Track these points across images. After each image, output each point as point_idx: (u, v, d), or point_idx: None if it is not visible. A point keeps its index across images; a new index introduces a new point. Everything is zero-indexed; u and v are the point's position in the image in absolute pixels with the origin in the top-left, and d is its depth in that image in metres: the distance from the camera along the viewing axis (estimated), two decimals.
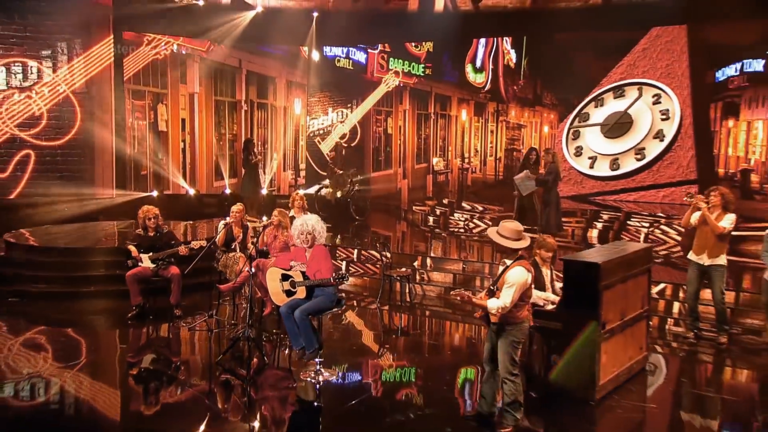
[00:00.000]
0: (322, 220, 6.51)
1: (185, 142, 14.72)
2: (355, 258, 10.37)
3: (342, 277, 5.99)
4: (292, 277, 6.29)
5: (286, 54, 15.59)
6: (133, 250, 8.02)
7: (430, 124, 15.48)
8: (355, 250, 10.44)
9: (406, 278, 9.25)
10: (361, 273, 10.19)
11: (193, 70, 14.68)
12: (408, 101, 15.54)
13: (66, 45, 12.92)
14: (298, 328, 6.18)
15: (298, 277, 6.25)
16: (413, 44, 15.29)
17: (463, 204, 14.25)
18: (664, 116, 12.89)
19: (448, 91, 15.29)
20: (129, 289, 8.00)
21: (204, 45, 14.62)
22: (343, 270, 6.94)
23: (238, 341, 6.85)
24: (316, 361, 6.22)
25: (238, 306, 8.10)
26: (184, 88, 14.62)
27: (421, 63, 15.31)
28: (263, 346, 7.10)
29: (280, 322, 7.01)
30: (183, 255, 8.01)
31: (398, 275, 9.22)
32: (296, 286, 6.25)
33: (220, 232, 8.00)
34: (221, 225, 8.11)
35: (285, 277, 6.38)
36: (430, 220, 14.18)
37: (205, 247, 7.71)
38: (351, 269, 10.28)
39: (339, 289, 6.70)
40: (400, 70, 15.42)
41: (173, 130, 14.54)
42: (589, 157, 13.62)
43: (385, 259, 9.63)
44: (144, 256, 7.98)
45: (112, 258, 9.26)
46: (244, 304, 7.77)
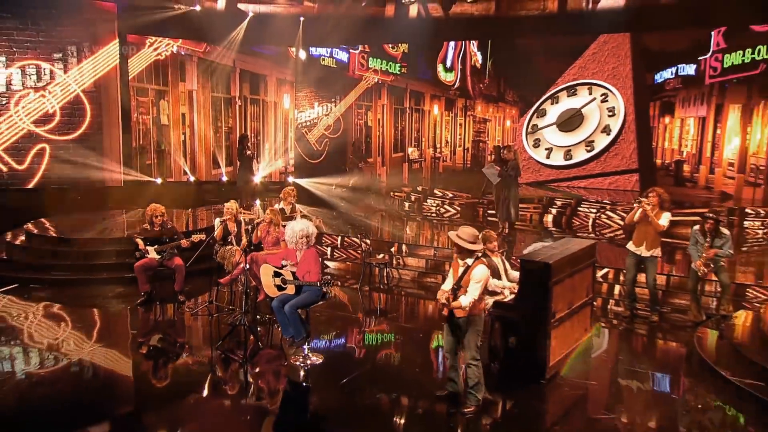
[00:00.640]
0: (313, 225, 6.58)
1: (185, 135, 14.60)
2: (339, 244, 10.44)
3: (328, 283, 6.06)
4: (284, 275, 6.37)
5: (275, 54, 15.43)
6: (140, 243, 8.01)
7: (406, 118, 15.49)
8: (339, 237, 10.50)
9: (384, 264, 9.37)
10: (344, 258, 10.28)
11: (192, 69, 14.49)
12: (386, 97, 15.49)
13: (76, 48, 12.73)
14: (288, 320, 6.28)
15: (288, 275, 6.32)
16: (390, 46, 15.21)
17: (435, 191, 14.31)
18: (610, 113, 13.03)
19: (422, 88, 15.27)
20: (137, 277, 8.03)
21: (201, 46, 14.42)
22: (329, 276, 6.99)
23: (236, 327, 6.93)
24: (303, 348, 6.33)
25: (236, 293, 8.15)
26: (183, 85, 14.44)
27: (397, 62, 15.24)
28: (257, 329, 7.17)
29: (271, 307, 7.08)
30: (185, 247, 8.03)
31: (377, 263, 9.33)
32: (286, 284, 6.33)
33: (218, 228, 8.04)
34: (218, 222, 8.14)
35: (277, 274, 6.46)
36: (406, 206, 14.27)
37: (205, 241, 7.77)
38: (335, 254, 10.38)
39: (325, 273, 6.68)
40: (379, 68, 15.33)
41: (174, 124, 14.39)
42: (546, 149, 13.75)
43: (365, 245, 9.73)
44: (150, 249, 7.98)
45: (123, 248, 9.24)
46: (240, 287, 7.82)
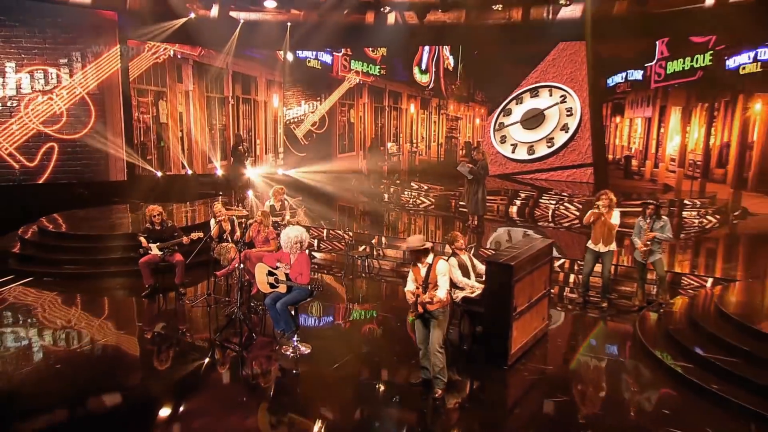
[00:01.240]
0: (306, 233, 6.57)
1: (183, 132, 14.37)
2: (325, 236, 10.44)
3: (317, 287, 6.08)
4: (277, 275, 6.37)
5: (265, 57, 15.17)
6: (143, 240, 7.96)
7: (385, 115, 15.40)
8: (325, 230, 10.48)
9: (365, 256, 9.39)
10: (330, 249, 10.29)
11: (188, 72, 14.22)
12: (367, 96, 15.37)
13: (80, 54, 12.48)
14: (280, 315, 6.30)
15: (281, 276, 6.31)
16: (370, 49, 15.04)
17: (412, 183, 14.31)
18: (568, 113, 13.09)
19: (400, 88, 15.17)
20: (142, 272, 7.98)
21: (196, 50, 14.14)
22: (319, 286, 7.02)
23: (233, 319, 6.93)
24: (293, 339, 6.37)
25: (231, 285, 8.14)
26: (180, 86, 14.18)
27: (377, 65, 15.09)
28: (251, 318, 7.19)
29: (264, 297, 7.06)
30: (185, 244, 7.99)
31: (359, 255, 9.35)
32: (278, 283, 6.34)
33: (213, 228, 8.00)
34: (213, 222, 8.08)
35: (271, 273, 6.45)
36: (385, 197, 14.25)
37: (203, 239, 7.75)
38: (322, 245, 10.38)
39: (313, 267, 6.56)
40: (360, 69, 15.17)
41: (172, 122, 14.15)
42: (511, 144, 13.80)
43: (347, 237, 9.74)
44: (153, 246, 7.93)
45: (128, 243, 9.12)
46: (236, 281, 7.80)
